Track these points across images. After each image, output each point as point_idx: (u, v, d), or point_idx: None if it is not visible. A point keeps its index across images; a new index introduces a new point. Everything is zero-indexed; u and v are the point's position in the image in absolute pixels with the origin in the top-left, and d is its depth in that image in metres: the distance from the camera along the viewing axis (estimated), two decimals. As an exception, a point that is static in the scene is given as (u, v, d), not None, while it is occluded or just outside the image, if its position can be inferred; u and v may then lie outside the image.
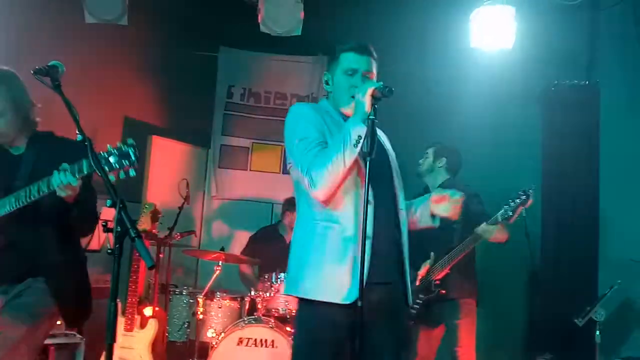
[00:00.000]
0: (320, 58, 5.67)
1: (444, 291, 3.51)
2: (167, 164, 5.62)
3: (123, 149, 2.12)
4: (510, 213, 3.22)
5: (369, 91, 2.13)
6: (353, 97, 2.21)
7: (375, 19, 5.19)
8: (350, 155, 2.12)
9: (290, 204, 4.78)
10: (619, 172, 4.41)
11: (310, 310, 2.21)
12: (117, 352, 3.87)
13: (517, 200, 3.22)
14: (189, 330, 4.46)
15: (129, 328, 3.88)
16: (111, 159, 2.10)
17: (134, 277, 3.88)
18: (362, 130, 2.11)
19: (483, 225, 3.34)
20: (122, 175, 2.12)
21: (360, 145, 2.11)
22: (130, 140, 2.14)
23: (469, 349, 3.52)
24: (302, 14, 4.53)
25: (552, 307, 4.38)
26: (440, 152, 3.84)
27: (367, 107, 2.14)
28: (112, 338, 1.85)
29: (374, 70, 2.38)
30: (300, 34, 4.59)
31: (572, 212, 4.40)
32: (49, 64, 2.20)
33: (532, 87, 4.73)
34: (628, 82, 4.38)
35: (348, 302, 2.12)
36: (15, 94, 2.45)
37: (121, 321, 3.90)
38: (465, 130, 4.92)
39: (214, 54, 5.92)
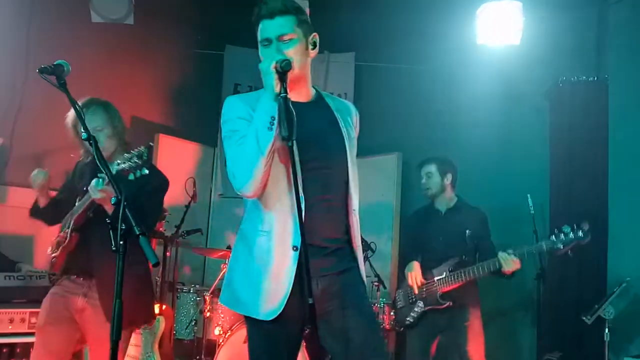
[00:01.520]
0: (325, 55, 5.67)
1: (451, 303, 3.56)
2: (174, 162, 5.63)
3: (141, 150, 2.27)
4: (560, 246, 3.16)
5: (272, 66, 1.88)
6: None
7: (379, 15, 5.18)
8: (265, 141, 1.88)
9: None
10: (628, 169, 4.36)
11: (248, 322, 2.12)
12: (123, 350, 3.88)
13: (571, 235, 3.13)
14: (196, 328, 4.48)
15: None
16: (132, 160, 2.27)
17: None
18: (272, 108, 1.88)
19: (505, 255, 3.33)
20: (138, 174, 2.26)
21: (274, 127, 1.87)
22: (150, 143, 2.34)
23: (479, 348, 3.55)
24: (308, 12, 4.51)
25: (561, 305, 4.35)
26: (443, 167, 3.76)
27: (275, 83, 1.88)
28: (117, 335, 1.86)
29: (295, 27, 2.02)
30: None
31: (580, 209, 4.35)
32: (54, 63, 2.23)
33: (540, 83, 4.69)
34: (636, 78, 4.33)
35: (269, 319, 1.98)
36: (110, 116, 2.82)
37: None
38: (473, 127, 4.91)
39: (220, 53, 5.93)
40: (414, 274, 3.63)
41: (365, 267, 4.71)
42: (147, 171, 2.27)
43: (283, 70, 1.89)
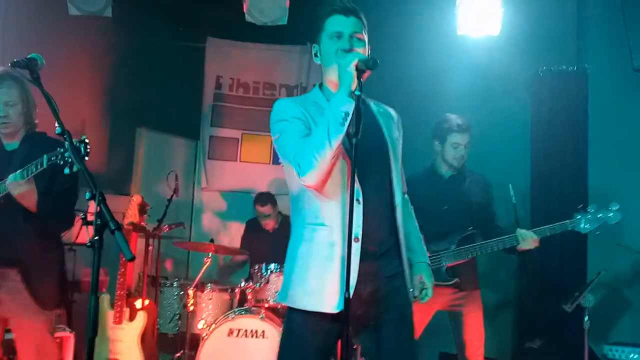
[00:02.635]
0: (308, 47, 5.65)
1: (458, 280, 3.31)
2: (156, 156, 5.60)
3: (76, 145, 2.17)
4: (587, 226, 3.09)
5: (354, 62, 1.94)
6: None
7: (360, 6, 5.15)
8: (336, 135, 1.93)
9: (258, 198, 4.90)
10: (607, 157, 4.41)
11: (298, 317, 2.11)
12: (105, 345, 3.86)
13: (600, 215, 3.07)
14: (179, 322, 4.46)
15: (118, 321, 3.87)
16: (66, 155, 2.27)
17: (122, 269, 3.86)
18: (349, 105, 1.93)
19: (525, 232, 3.15)
20: (75, 168, 2.18)
21: (347, 123, 1.92)
22: (83, 137, 2.23)
23: (480, 335, 3.39)
24: (287, 3, 4.50)
25: (541, 294, 4.40)
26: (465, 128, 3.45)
27: (354, 81, 1.94)
28: (94, 331, 1.84)
29: (364, 33, 2.16)
30: (286, 23, 4.56)
31: (560, 198, 4.40)
32: (28, 57, 2.21)
33: (520, 73, 4.71)
34: (616, 67, 4.37)
35: (336, 312, 2.00)
36: (24, 93, 2.71)
37: (110, 314, 3.89)
38: (453, 117, 4.91)
39: (201, 45, 5.88)
40: None
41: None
42: (82, 166, 2.16)
43: (367, 68, 1.94)
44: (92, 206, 3.11)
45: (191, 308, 4.25)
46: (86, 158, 2.21)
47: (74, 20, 4.49)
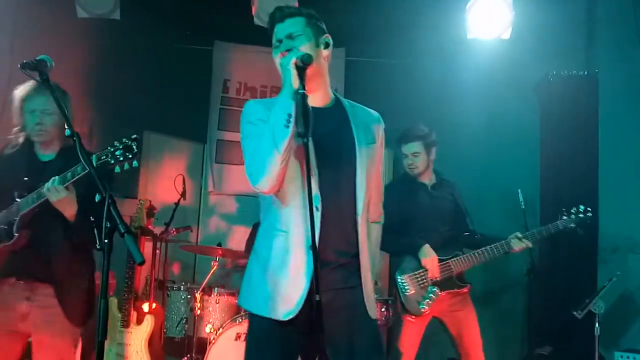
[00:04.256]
0: (316, 51, 5.63)
1: (470, 286, 3.41)
2: (163, 159, 5.60)
3: (127, 142, 2.25)
4: (573, 225, 3.33)
5: (292, 61, 1.91)
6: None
7: (370, 10, 5.15)
8: (281, 138, 1.88)
9: None
10: (618, 163, 4.37)
11: (257, 322, 2.06)
12: (113, 348, 3.85)
13: (581, 215, 3.32)
14: (186, 326, 4.44)
15: (126, 324, 3.86)
16: (117, 153, 2.24)
17: (130, 273, 3.85)
18: (290, 106, 1.89)
19: (516, 241, 3.31)
20: (126, 166, 2.25)
21: (291, 125, 1.88)
22: (133, 135, 2.28)
23: (476, 336, 3.40)
24: (296, 5, 4.48)
25: (551, 300, 4.36)
26: (428, 143, 3.52)
27: (294, 80, 1.90)
28: (103, 335, 1.82)
29: (303, 29, 2.09)
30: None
31: (570, 204, 4.35)
32: (37, 58, 2.19)
33: (530, 78, 4.70)
34: (626, 72, 4.34)
35: (286, 319, 1.96)
36: (64, 104, 2.63)
37: (118, 317, 3.88)
38: (462, 122, 4.90)
39: (209, 48, 5.88)
40: (433, 258, 3.35)
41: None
42: (137, 164, 2.26)
43: (303, 64, 1.90)
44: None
45: (198, 312, 4.24)
46: (139, 156, 2.27)
47: (82, 23, 4.49)
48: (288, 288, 1.98)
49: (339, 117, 2.14)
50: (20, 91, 2.65)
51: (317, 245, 1.86)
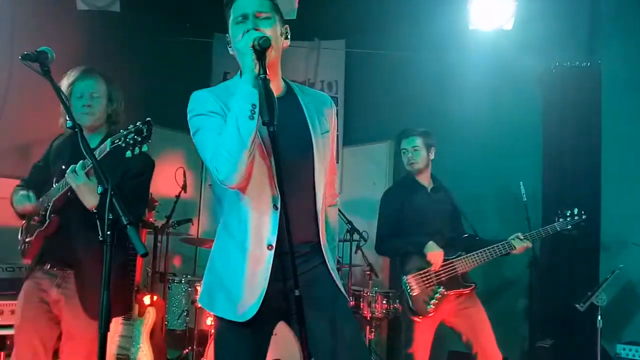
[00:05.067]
0: (316, 43, 5.61)
1: (475, 285, 3.42)
2: (163, 152, 5.57)
3: (139, 126, 2.25)
4: (569, 227, 3.37)
5: (250, 44, 1.76)
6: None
7: (370, 1, 5.13)
8: (247, 131, 1.77)
9: None
10: (620, 155, 4.36)
11: (221, 323, 1.99)
12: (115, 341, 3.84)
13: (576, 218, 3.37)
14: (187, 318, 4.45)
15: (127, 317, 3.85)
16: (129, 137, 2.24)
17: (131, 265, 3.83)
18: (253, 96, 1.77)
19: (518, 241, 3.35)
20: (136, 150, 2.24)
21: (256, 116, 1.76)
22: (147, 119, 2.28)
23: (490, 331, 3.38)
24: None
25: (553, 293, 4.36)
26: (428, 141, 3.53)
27: (254, 64, 1.77)
28: (106, 327, 1.81)
29: (272, 12, 1.96)
30: (295, 18, 4.51)
31: (573, 196, 4.35)
32: (38, 50, 2.17)
33: (532, 68, 4.66)
34: (629, 63, 4.32)
35: (244, 320, 1.90)
36: (111, 92, 2.77)
37: (119, 310, 3.87)
38: (464, 113, 4.88)
39: (209, 41, 5.85)
40: (439, 253, 3.35)
41: (358, 256, 4.68)
42: (147, 148, 2.24)
43: (262, 48, 1.77)
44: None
45: (199, 304, 4.23)
46: (149, 141, 2.24)
47: (82, 15, 4.46)
48: (245, 289, 1.91)
49: (292, 107, 2.03)
50: (66, 79, 2.69)
51: (277, 242, 1.86)
